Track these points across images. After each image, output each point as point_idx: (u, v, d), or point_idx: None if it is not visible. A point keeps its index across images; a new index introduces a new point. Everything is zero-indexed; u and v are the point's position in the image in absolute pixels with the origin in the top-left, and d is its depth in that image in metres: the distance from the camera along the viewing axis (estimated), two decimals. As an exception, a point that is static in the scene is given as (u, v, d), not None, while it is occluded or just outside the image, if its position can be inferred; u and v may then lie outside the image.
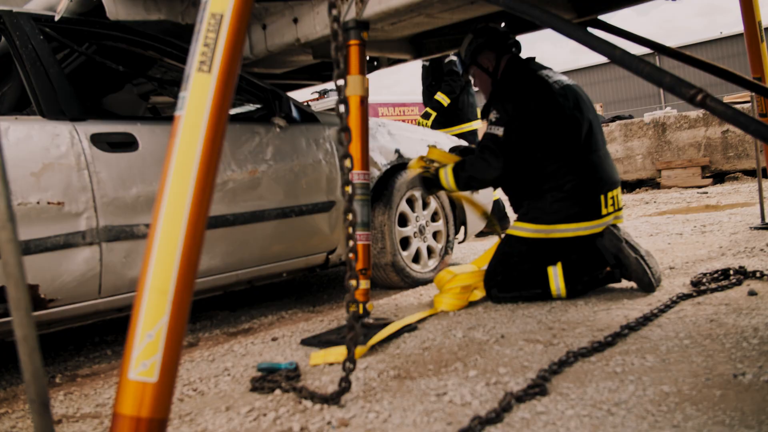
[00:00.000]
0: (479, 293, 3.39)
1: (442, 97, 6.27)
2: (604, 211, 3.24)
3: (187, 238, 1.38)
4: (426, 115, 6.27)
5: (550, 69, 3.49)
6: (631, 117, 11.17)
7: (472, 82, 3.74)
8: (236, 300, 4.19)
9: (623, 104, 31.75)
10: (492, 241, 5.98)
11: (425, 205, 4.20)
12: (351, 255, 2.02)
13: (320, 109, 11.52)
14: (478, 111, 6.34)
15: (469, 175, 3.35)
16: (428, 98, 6.54)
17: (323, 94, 14.07)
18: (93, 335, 3.49)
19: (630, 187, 9.94)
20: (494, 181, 3.37)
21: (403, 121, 14.26)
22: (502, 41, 3.56)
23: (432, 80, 6.46)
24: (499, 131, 3.27)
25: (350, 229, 1.99)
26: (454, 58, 6.28)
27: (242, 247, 3.16)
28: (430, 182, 3.53)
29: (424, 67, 6.56)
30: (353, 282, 2.01)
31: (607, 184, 3.28)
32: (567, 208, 3.20)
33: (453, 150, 3.77)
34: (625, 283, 3.32)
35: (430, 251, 4.21)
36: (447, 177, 3.41)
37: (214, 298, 4.20)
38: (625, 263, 3.12)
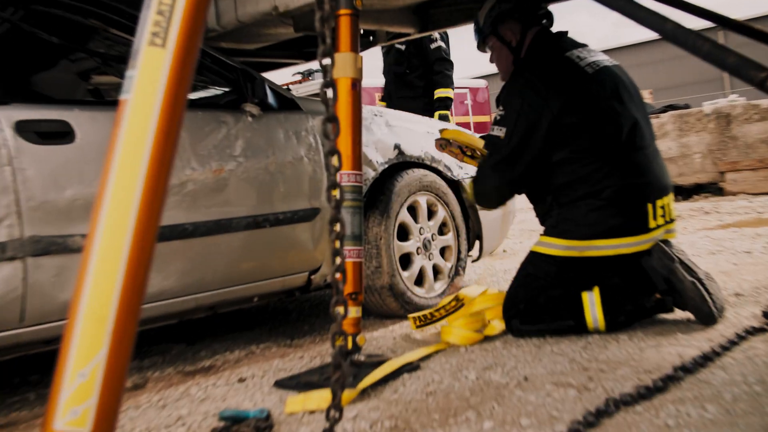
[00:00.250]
0: (497, 325, 3.38)
1: (447, 92, 6.32)
2: (652, 224, 3.24)
3: (133, 252, 1.36)
4: (444, 118, 6.29)
5: (585, 46, 3.51)
6: (687, 106, 11.19)
7: (489, 57, 3.75)
8: (195, 330, 4.17)
9: (678, 91, 31.87)
10: (518, 260, 5.98)
11: (431, 214, 4.20)
12: (338, 275, 2.01)
13: (303, 94, 11.55)
14: None
15: (475, 186, 3.45)
16: (398, 88, 6.57)
17: (307, 75, 14.09)
18: (13, 375, 3.47)
19: (686, 193, 9.96)
20: (495, 191, 3.41)
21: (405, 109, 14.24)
22: (531, 10, 3.57)
23: (406, 68, 6.49)
24: (501, 132, 3.33)
25: (337, 243, 1.98)
26: (441, 43, 6.33)
27: (203, 265, 3.16)
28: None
29: (396, 50, 6.56)
30: (341, 309, 2.00)
31: (657, 189, 3.28)
32: (606, 220, 3.20)
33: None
34: (679, 314, 3.31)
35: (437, 271, 4.22)
36: (470, 189, 3.53)
37: (168, 328, 4.18)
38: (679, 288, 3.11)
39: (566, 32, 3.59)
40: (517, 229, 8.31)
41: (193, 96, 4.50)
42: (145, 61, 1.46)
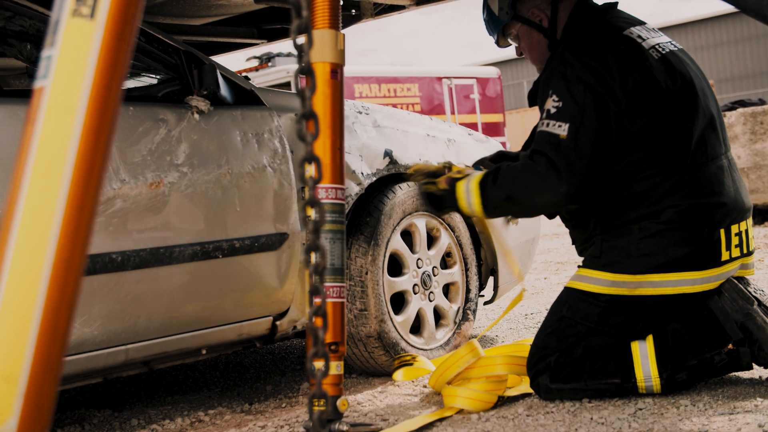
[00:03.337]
0: (520, 384, 3.37)
1: None
2: (725, 255, 3.24)
3: (53, 290, 1.34)
4: None
5: (643, 24, 3.50)
6: (762, 102, 11.22)
7: (516, 51, 3.72)
8: (124, 392, 4.14)
9: (746, 82, 31.97)
10: (542, 301, 5.99)
11: (432, 242, 4.19)
12: (317, 320, 1.99)
13: (263, 84, 11.57)
14: None
15: (505, 194, 3.31)
16: None
17: (266, 60, 14.14)
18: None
19: (760, 215, 9.99)
20: (547, 207, 3.35)
21: (395, 106, 14.36)
22: None
23: None
24: (562, 129, 3.23)
25: (316, 279, 1.97)
26: None
27: (135, 307, 3.14)
28: (438, 200, 3.51)
29: None
30: (319, 364, 1.98)
31: (732, 211, 3.28)
32: (665, 249, 3.20)
33: (493, 160, 3.74)
34: (758, 371, 3.32)
35: (439, 315, 4.21)
36: (469, 193, 3.37)
37: (88, 390, 4.15)
38: (759, 338, 3.11)
39: (616, 3, 3.57)
40: (538, 261, 8.32)
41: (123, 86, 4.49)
42: (67, 38, 1.44)
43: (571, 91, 3.26)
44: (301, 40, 1.94)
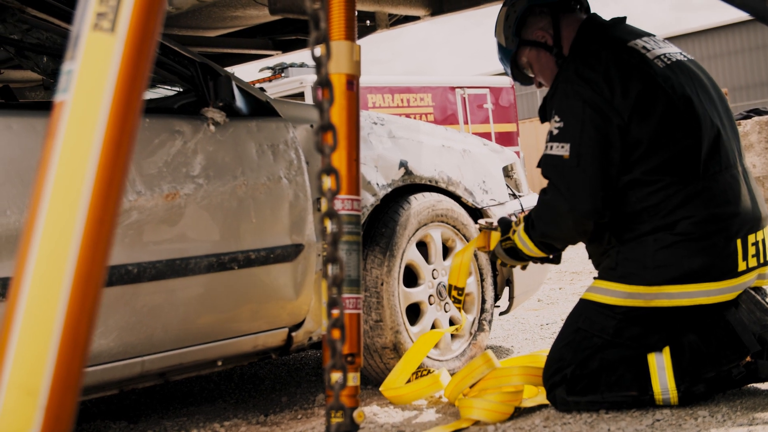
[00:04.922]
0: (536, 395, 3.36)
1: None
2: (741, 266, 3.22)
3: (73, 303, 1.34)
4: None
5: (650, 36, 3.50)
6: (776, 111, 11.18)
7: (534, 82, 3.74)
8: (140, 403, 4.14)
9: (760, 90, 31.80)
10: (557, 312, 5.98)
11: (447, 252, 4.19)
12: (334, 332, 1.98)
13: (276, 94, 11.56)
14: None
15: (540, 233, 3.40)
16: None
17: (279, 71, 14.11)
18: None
19: (775, 225, 9.95)
20: (576, 230, 3.34)
21: (408, 115, 14.34)
22: None
23: None
24: (564, 150, 3.26)
25: (335, 291, 1.96)
26: None
27: (152, 318, 3.14)
28: (515, 254, 3.59)
29: None
30: (337, 376, 1.98)
31: (748, 221, 3.27)
32: (681, 261, 3.19)
33: None
34: (775, 383, 3.30)
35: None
36: (524, 242, 3.46)
37: (103, 402, 4.15)
38: (777, 350, 3.10)
39: (624, 18, 3.58)
40: (553, 271, 8.31)
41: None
42: (88, 52, 1.45)
43: (571, 109, 3.30)
44: (319, 51, 1.94)
